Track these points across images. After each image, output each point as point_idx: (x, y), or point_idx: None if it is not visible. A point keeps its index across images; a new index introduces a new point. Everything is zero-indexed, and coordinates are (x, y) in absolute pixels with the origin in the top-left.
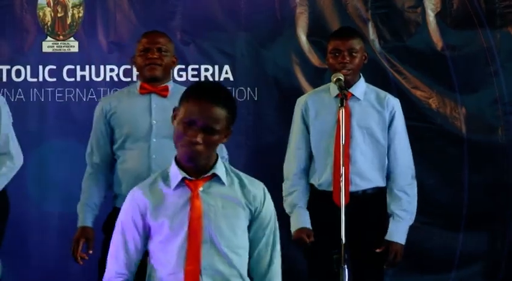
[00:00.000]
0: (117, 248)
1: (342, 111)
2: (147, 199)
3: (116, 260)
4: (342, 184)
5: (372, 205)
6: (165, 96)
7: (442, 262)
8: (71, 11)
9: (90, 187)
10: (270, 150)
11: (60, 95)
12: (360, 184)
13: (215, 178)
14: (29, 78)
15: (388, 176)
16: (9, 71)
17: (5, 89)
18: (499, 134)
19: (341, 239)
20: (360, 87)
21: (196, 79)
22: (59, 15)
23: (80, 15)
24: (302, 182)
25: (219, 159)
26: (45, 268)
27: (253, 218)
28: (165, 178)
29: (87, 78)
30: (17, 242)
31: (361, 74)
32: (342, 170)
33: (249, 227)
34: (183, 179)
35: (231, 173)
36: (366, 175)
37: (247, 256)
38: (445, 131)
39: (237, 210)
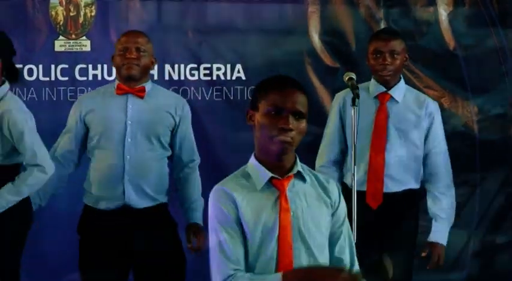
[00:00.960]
0: (224, 248)
1: (354, 111)
2: (236, 196)
3: (226, 259)
4: (354, 183)
5: (402, 206)
6: (141, 97)
7: (454, 261)
8: (83, 10)
9: None
10: None
11: (72, 94)
12: (391, 187)
13: (298, 176)
14: (41, 77)
15: (429, 179)
16: (21, 70)
17: (17, 88)
18: (508, 133)
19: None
20: (400, 89)
21: (209, 78)
22: (71, 14)
23: (92, 14)
24: (333, 175)
25: (297, 157)
26: (53, 265)
27: (332, 215)
28: (246, 177)
29: (99, 78)
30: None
31: (401, 76)
32: (354, 169)
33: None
34: (270, 178)
35: (307, 171)
36: (398, 177)
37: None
38: (457, 130)
39: (321, 208)
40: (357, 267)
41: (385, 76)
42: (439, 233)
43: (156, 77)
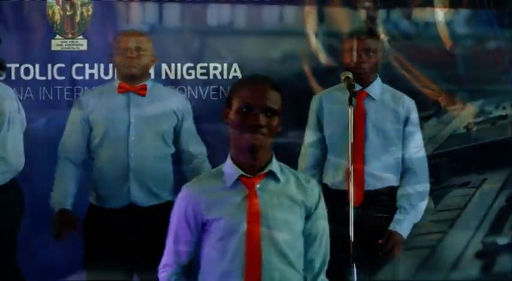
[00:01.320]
0: (170, 244)
1: (351, 110)
2: (200, 197)
3: (167, 254)
4: (351, 182)
5: (384, 203)
6: (143, 95)
7: (454, 262)
8: (79, 10)
9: (63, 177)
10: (279, 150)
11: (69, 93)
12: (373, 184)
13: (271, 175)
14: (37, 77)
15: (403, 175)
16: (17, 69)
17: (14, 87)
18: (509, 134)
19: (349, 237)
20: (376, 87)
21: (205, 77)
22: (68, 13)
23: (89, 13)
24: (314, 176)
25: (274, 157)
26: (50, 263)
27: (308, 216)
28: (219, 176)
29: (96, 77)
30: (24, 237)
31: (377, 74)
32: (351, 168)
33: (304, 225)
34: (240, 176)
35: (286, 170)
36: (379, 175)
37: (303, 255)
38: (457, 132)
39: (294, 208)
40: (324, 269)
41: (360, 74)
42: (399, 223)
43: (152, 76)
